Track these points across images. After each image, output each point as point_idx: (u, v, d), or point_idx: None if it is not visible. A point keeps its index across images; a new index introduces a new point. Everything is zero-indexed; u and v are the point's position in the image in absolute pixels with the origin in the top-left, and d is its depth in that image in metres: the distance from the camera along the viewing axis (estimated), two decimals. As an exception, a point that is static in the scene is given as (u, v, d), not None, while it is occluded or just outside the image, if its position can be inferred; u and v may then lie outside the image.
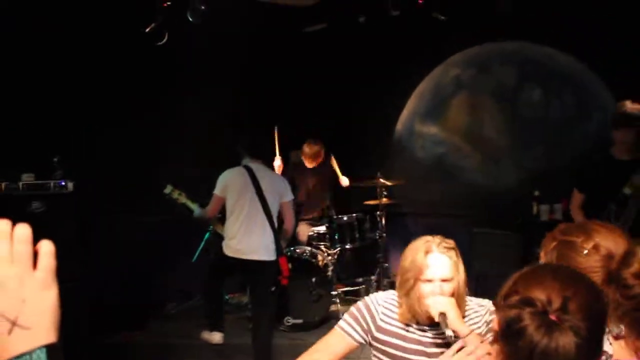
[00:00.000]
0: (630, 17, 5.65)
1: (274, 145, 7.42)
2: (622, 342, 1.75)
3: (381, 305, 2.79)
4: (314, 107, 8.36)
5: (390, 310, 2.77)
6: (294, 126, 8.02)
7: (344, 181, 7.54)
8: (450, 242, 2.69)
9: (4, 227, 0.88)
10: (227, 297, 6.81)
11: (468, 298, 2.74)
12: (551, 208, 6.26)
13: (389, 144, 7.89)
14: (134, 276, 6.76)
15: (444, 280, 2.61)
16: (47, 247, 0.91)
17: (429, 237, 2.69)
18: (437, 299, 2.58)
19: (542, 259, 1.96)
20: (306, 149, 7.41)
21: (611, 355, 1.74)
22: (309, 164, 7.42)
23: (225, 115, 7.77)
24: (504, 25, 6.66)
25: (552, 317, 1.40)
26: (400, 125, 7.83)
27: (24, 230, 0.89)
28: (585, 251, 1.85)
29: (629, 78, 5.74)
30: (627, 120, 4.41)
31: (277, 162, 7.33)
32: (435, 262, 2.62)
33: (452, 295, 2.60)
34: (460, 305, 2.62)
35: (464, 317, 2.63)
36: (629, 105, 4.47)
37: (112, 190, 6.58)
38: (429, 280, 2.61)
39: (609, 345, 1.73)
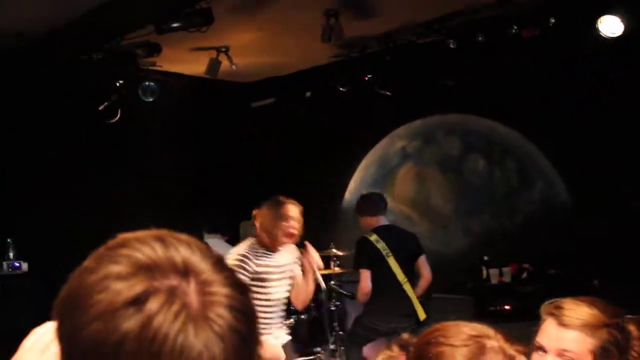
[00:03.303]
0: (562, 88, 6.06)
1: None
2: None
3: None
4: (263, 179, 8.49)
5: None
6: (243, 200, 8.10)
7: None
8: None
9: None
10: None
11: None
12: (500, 271, 6.48)
13: (338, 214, 8.06)
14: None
15: None
16: None
17: None
18: None
19: None
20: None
21: None
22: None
23: (176, 191, 7.80)
24: (446, 99, 7.02)
25: None
26: (348, 195, 8.03)
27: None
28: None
29: (565, 146, 6.13)
30: None
31: None
32: None
33: None
34: None
35: None
36: None
37: (66, 270, 6.47)
38: None
39: None
